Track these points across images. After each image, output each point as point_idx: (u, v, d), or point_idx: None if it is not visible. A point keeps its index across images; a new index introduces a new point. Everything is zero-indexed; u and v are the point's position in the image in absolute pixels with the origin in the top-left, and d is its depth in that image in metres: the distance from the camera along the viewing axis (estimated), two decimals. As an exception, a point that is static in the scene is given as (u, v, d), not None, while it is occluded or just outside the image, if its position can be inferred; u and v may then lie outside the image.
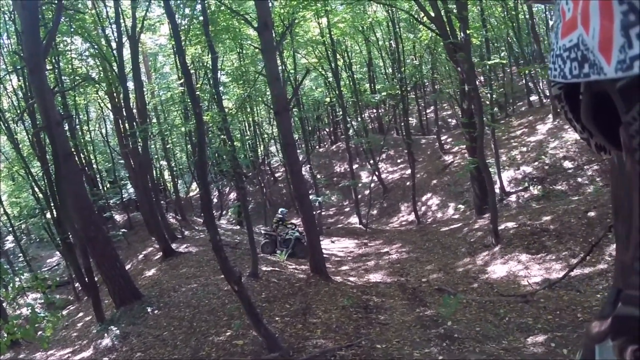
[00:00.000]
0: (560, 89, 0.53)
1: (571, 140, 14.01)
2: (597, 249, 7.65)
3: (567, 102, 0.53)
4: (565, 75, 0.47)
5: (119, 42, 13.59)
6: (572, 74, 0.46)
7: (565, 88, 0.53)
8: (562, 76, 0.48)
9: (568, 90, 0.52)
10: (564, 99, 0.53)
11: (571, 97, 0.52)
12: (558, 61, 0.49)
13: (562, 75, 0.48)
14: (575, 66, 0.45)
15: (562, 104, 0.54)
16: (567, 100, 0.53)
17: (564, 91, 0.53)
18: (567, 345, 5.01)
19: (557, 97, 0.55)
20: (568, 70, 0.46)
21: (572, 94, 0.52)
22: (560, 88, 0.53)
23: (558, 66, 0.49)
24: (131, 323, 8.18)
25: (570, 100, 0.53)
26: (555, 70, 0.50)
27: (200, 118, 7.58)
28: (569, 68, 0.46)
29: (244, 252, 11.71)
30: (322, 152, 27.67)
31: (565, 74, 0.47)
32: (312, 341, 6.55)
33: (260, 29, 9.63)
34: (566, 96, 0.53)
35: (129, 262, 13.61)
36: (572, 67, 0.45)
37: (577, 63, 0.44)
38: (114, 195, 20.57)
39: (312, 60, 20.16)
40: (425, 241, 12.66)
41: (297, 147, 21.62)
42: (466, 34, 10.68)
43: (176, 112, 22.46)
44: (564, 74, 0.48)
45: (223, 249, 6.37)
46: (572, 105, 0.53)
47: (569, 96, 0.53)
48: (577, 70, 0.44)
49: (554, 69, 0.51)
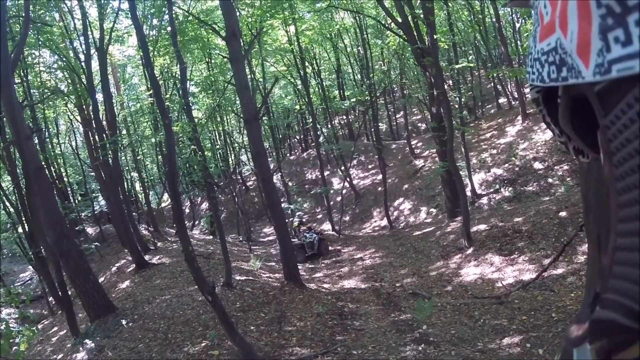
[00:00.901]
0: (538, 93, 0.53)
1: (541, 142, 14.29)
2: (570, 248, 7.76)
3: (546, 106, 0.53)
4: (543, 79, 0.47)
5: (87, 54, 13.44)
6: (551, 77, 0.45)
7: (544, 92, 0.52)
8: (540, 80, 0.48)
9: (546, 94, 0.52)
10: (542, 102, 0.53)
11: (549, 100, 0.52)
12: (536, 65, 0.49)
13: (541, 79, 0.48)
14: (554, 70, 0.44)
15: (541, 108, 0.54)
16: (545, 104, 0.53)
17: (542, 95, 0.53)
18: (542, 345, 5.02)
19: (536, 101, 0.54)
20: (546, 74, 0.46)
21: (550, 97, 0.52)
22: (538, 92, 0.53)
23: (536, 70, 0.49)
24: (106, 336, 8.05)
25: (548, 104, 0.53)
26: (533, 74, 0.50)
27: (170, 129, 7.45)
28: (547, 72, 0.46)
29: (217, 262, 11.54)
30: (293, 159, 27.59)
31: (543, 78, 0.47)
32: (288, 349, 6.46)
33: (228, 39, 9.55)
34: (544, 100, 0.53)
35: (102, 275, 13.32)
36: (550, 71, 0.45)
37: (555, 67, 0.44)
38: (85, 208, 20.25)
39: (281, 68, 20.13)
40: (399, 246, 12.69)
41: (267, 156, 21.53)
42: (433, 39, 10.80)
43: (146, 123, 22.16)
44: (542, 78, 0.47)
45: (196, 260, 6.25)
46: (550, 109, 0.53)
47: (547, 100, 0.52)
48: (555, 74, 0.44)
49: (532, 73, 0.50)
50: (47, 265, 12.52)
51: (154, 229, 17.40)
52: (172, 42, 10.96)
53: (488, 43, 22.02)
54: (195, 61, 19.98)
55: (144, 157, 24.82)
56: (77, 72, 14.28)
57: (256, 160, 10.49)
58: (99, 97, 14.99)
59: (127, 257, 13.57)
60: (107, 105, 14.12)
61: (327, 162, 23.85)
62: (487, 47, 22.54)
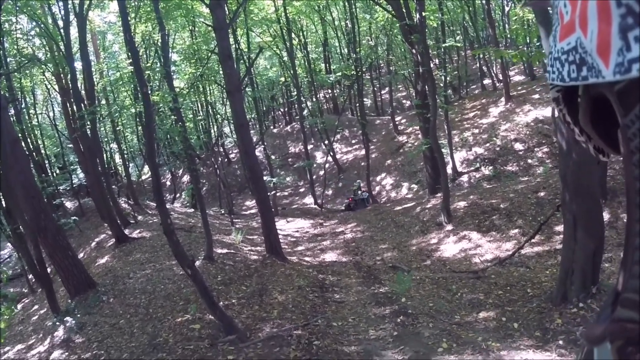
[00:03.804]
0: (558, 92, 0.53)
1: (522, 123, 14.46)
2: (546, 227, 7.96)
3: (566, 105, 0.53)
4: (563, 78, 0.47)
5: (66, 21, 12.82)
6: (571, 77, 0.45)
7: (564, 91, 0.52)
8: (560, 79, 0.48)
9: (566, 93, 0.52)
10: (562, 102, 0.53)
11: (569, 100, 0.52)
12: (556, 64, 0.49)
13: (561, 78, 0.48)
14: (574, 69, 0.44)
15: (560, 107, 0.54)
16: (565, 103, 0.53)
17: (562, 94, 0.53)
18: (517, 320, 5.19)
19: (556, 100, 0.55)
20: (566, 73, 0.46)
21: (570, 97, 0.52)
22: (558, 91, 0.53)
23: (556, 69, 0.49)
24: (87, 313, 7.96)
25: (568, 104, 0.53)
26: (553, 73, 0.50)
27: (148, 98, 7.26)
28: (567, 71, 0.46)
29: (198, 236, 11.52)
30: (276, 132, 27.44)
31: (563, 77, 0.47)
32: (269, 322, 6.54)
33: (212, 6, 9.35)
34: (564, 99, 0.53)
35: (82, 250, 13.15)
36: (571, 70, 0.45)
37: (575, 66, 0.44)
38: (63, 181, 19.73)
39: (266, 39, 19.81)
40: (380, 220, 12.83)
41: (250, 128, 21.35)
42: (422, 16, 10.74)
43: (126, 92, 21.65)
44: (562, 77, 0.48)
45: (175, 233, 6.20)
46: (570, 108, 0.53)
47: (567, 99, 0.53)
48: (575, 73, 0.44)
49: (552, 72, 0.50)
50: (26, 242, 12.10)
51: (134, 203, 17.19)
52: (153, 7, 10.69)
53: (476, 24, 21.95)
54: (179, 29, 19.53)
55: (124, 128, 24.26)
56: (55, 40, 13.80)
57: (238, 132, 10.39)
58: (78, 65, 14.51)
59: (106, 231, 13.40)
60: (86, 73, 13.59)
61: (311, 135, 23.79)
62: (475, 28, 22.47)
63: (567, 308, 4.93)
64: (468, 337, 5.02)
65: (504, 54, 8.67)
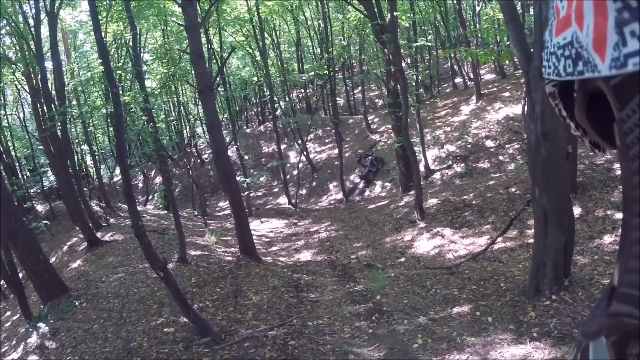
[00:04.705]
0: (554, 87, 0.53)
1: (493, 121, 14.69)
2: (518, 222, 8.10)
3: (561, 100, 0.53)
4: (559, 73, 0.47)
5: (36, 19, 12.55)
6: (566, 71, 0.45)
7: (559, 86, 0.52)
8: (556, 74, 0.48)
9: (562, 88, 0.52)
10: (557, 96, 0.53)
11: (565, 95, 0.52)
12: (552, 59, 0.49)
13: (556, 73, 0.48)
14: (570, 64, 0.44)
15: (556, 102, 0.54)
16: (561, 98, 0.53)
17: (558, 89, 0.52)
18: (491, 314, 5.25)
19: (551, 95, 0.54)
20: (562, 68, 0.46)
21: (566, 91, 0.52)
22: (554, 86, 0.53)
23: (552, 64, 0.49)
24: (60, 318, 7.82)
25: (564, 98, 0.52)
26: (549, 67, 0.50)
27: (118, 98, 7.15)
28: (563, 66, 0.46)
29: (172, 238, 11.35)
30: (249, 132, 27.27)
31: (559, 72, 0.47)
32: (244, 323, 6.49)
33: (184, 5, 9.26)
34: (560, 94, 0.53)
35: (54, 254, 12.84)
36: (566, 65, 0.45)
37: (571, 61, 0.44)
38: (34, 184, 19.20)
39: (239, 38, 19.63)
40: (354, 219, 12.87)
41: (223, 128, 21.11)
42: (394, 16, 10.82)
43: (97, 92, 21.19)
44: (558, 72, 0.47)
45: (146, 235, 6.11)
46: (566, 103, 0.52)
47: (562, 94, 0.52)
48: (571, 68, 0.44)
49: (548, 67, 0.50)
50: (-4, 246, 11.91)
51: (106, 205, 16.88)
52: (124, 6, 10.51)
53: (448, 24, 22.21)
54: (151, 28, 19.20)
55: (95, 129, 23.85)
56: (26, 38, 13.42)
57: (210, 132, 10.27)
58: (49, 65, 14.15)
59: (78, 234, 13.14)
60: (57, 73, 13.28)
61: (284, 135, 23.71)
62: (447, 27, 22.75)
63: (540, 301, 5.02)
64: (443, 332, 5.06)
65: (472, 53, 8.82)
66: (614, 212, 6.98)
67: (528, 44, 5.49)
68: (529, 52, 5.11)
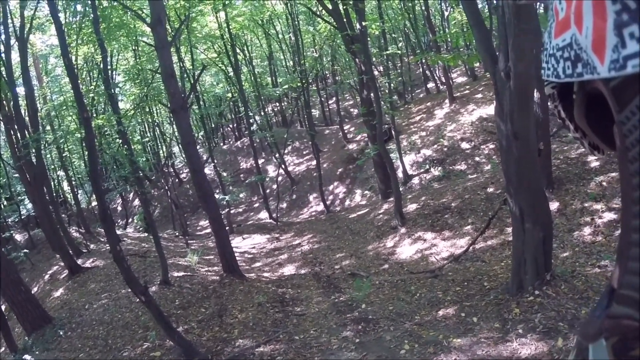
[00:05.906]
0: (553, 88, 0.53)
1: (467, 123, 14.90)
2: (497, 220, 8.18)
3: (560, 102, 0.53)
4: (558, 75, 0.47)
5: (6, 45, 12.40)
6: (566, 73, 0.45)
7: (559, 87, 0.53)
8: (555, 75, 0.48)
9: (561, 89, 0.52)
10: (557, 98, 0.54)
11: (564, 96, 0.53)
12: (551, 60, 0.49)
13: (556, 75, 0.48)
14: (569, 65, 0.44)
15: (555, 104, 0.54)
16: (560, 100, 0.53)
17: (557, 91, 0.53)
18: (476, 313, 5.28)
19: (551, 97, 0.55)
20: (561, 70, 0.46)
21: (565, 93, 0.52)
22: (553, 87, 0.53)
23: (551, 65, 0.49)
24: (45, 349, 7.70)
25: (563, 100, 0.53)
26: (548, 69, 0.50)
27: (89, 123, 7.11)
28: (562, 67, 0.46)
29: (153, 260, 11.17)
30: (226, 149, 27.15)
31: (558, 74, 0.47)
32: (231, 342, 6.42)
33: (153, 25, 9.23)
34: (559, 96, 0.53)
35: (35, 284, 12.55)
36: (566, 67, 0.45)
37: (570, 62, 0.44)
38: (11, 213, 18.70)
39: (211, 55, 19.61)
40: (335, 229, 12.87)
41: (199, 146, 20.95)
42: (363, 26, 10.94)
43: (71, 117, 20.88)
44: (557, 74, 0.48)
45: (125, 259, 6.03)
46: (565, 105, 0.53)
47: (562, 96, 0.53)
48: (570, 70, 0.44)
49: (547, 68, 0.50)
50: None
51: (85, 231, 16.56)
52: (94, 29, 10.43)
53: (417, 30, 22.55)
54: (122, 49, 19.05)
55: (70, 154, 23.47)
56: (-4, 64, 13.26)
57: (186, 150, 10.21)
58: (20, 90, 13.92)
59: (59, 262, 12.86)
60: (29, 99, 13.16)
61: (262, 150, 23.68)
62: (417, 34, 23.08)
63: (523, 297, 5.06)
64: (429, 336, 5.07)
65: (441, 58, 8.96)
66: (591, 204, 7.09)
67: (494, 46, 5.60)
68: (495, 55, 5.20)
